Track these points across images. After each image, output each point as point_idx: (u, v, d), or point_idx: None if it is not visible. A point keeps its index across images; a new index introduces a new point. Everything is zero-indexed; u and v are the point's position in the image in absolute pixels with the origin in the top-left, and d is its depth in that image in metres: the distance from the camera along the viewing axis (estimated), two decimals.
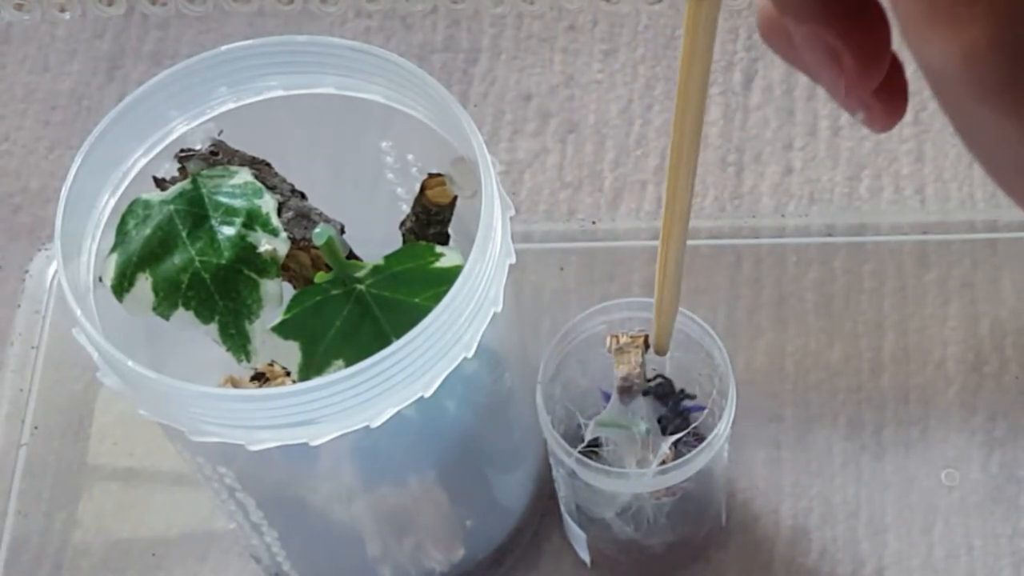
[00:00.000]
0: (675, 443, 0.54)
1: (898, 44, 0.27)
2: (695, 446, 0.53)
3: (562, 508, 0.60)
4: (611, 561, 0.61)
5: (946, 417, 0.65)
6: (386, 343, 0.44)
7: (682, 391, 0.57)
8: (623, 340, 0.53)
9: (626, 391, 0.53)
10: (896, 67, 0.28)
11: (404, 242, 0.52)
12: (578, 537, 0.60)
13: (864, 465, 0.64)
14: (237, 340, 0.49)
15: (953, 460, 0.64)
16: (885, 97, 0.28)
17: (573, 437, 0.55)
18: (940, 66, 0.24)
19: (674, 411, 0.57)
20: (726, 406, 0.53)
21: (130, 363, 0.44)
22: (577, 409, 0.56)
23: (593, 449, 0.54)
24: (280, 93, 0.52)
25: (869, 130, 0.29)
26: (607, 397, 0.55)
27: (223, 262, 0.48)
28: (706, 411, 0.57)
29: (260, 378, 0.57)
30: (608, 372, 0.54)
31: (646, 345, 0.53)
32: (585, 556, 0.61)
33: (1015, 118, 0.24)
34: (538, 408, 0.54)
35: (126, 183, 0.51)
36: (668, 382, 0.57)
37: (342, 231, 0.52)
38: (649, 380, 0.55)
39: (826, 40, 0.27)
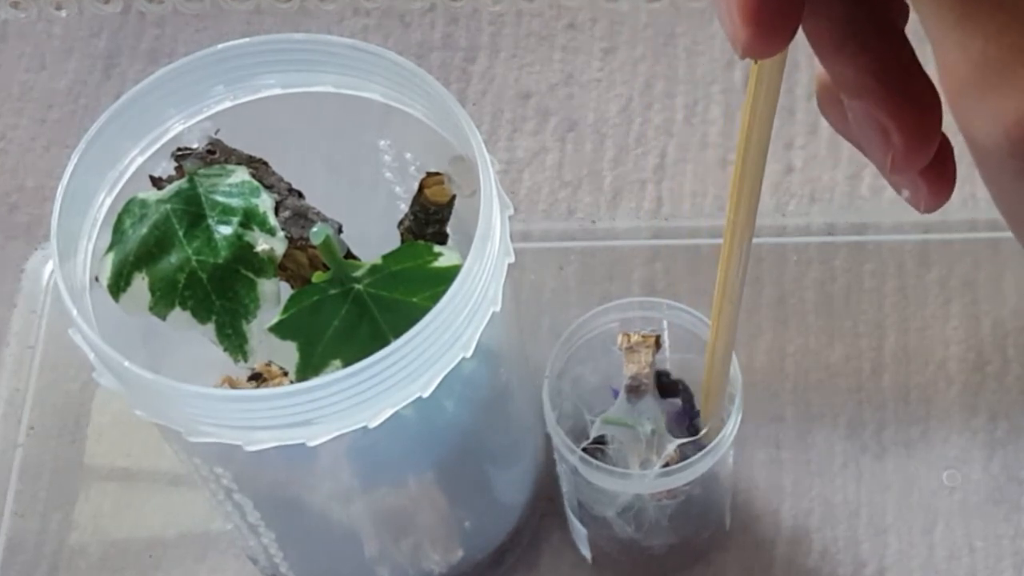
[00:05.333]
0: (680, 445, 0.53)
1: (949, 127, 0.27)
2: (700, 449, 0.53)
3: (565, 503, 0.59)
4: (612, 560, 0.61)
5: (947, 417, 0.64)
6: (384, 343, 0.44)
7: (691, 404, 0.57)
8: (634, 339, 0.53)
9: (634, 390, 0.53)
10: (945, 150, 0.29)
11: (402, 241, 0.52)
12: (580, 533, 0.60)
13: (865, 465, 0.64)
14: (234, 340, 0.48)
15: (954, 461, 0.63)
16: (932, 178, 0.28)
17: (580, 433, 0.55)
18: (983, 140, 0.24)
19: (683, 414, 0.56)
20: (732, 410, 0.53)
21: (126, 363, 0.44)
22: (585, 406, 0.56)
23: (599, 446, 0.54)
24: (277, 91, 0.52)
25: (915, 209, 0.29)
26: (616, 394, 0.55)
27: (220, 261, 0.48)
28: None
29: (257, 378, 0.56)
30: (619, 369, 0.53)
31: (657, 345, 0.53)
32: (587, 552, 0.61)
33: None
34: (544, 403, 0.54)
35: (123, 182, 0.50)
36: (677, 383, 0.57)
37: (340, 230, 0.51)
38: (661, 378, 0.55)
39: (877, 117, 0.27)
